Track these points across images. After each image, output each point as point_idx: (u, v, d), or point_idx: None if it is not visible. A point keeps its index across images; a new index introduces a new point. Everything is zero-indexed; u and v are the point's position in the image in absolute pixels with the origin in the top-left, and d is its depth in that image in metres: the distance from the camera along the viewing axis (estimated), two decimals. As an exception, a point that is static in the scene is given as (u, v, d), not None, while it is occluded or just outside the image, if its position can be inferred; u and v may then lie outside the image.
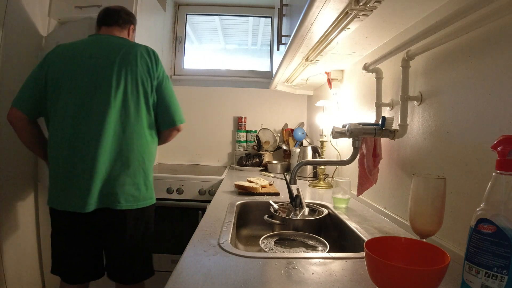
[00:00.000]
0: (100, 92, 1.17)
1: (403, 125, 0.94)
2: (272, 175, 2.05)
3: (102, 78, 1.18)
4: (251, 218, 1.25)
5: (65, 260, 1.22)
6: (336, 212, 1.13)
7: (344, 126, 1.04)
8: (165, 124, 1.32)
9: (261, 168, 2.30)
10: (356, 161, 1.10)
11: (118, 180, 1.17)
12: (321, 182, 1.64)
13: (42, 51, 1.67)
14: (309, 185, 1.67)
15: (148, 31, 2.06)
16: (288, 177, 1.12)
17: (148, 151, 1.26)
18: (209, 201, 1.30)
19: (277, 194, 1.42)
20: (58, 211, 1.18)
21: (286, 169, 2.25)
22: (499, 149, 0.47)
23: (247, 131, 2.51)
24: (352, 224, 0.98)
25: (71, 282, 1.23)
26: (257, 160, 2.34)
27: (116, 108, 1.17)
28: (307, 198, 1.37)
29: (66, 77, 1.19)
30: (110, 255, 1.27)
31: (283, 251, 0.86)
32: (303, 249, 0.89)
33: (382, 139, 1.08)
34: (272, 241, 0.91)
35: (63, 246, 1.22)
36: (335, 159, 1.65)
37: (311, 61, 1.37)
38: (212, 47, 2.88)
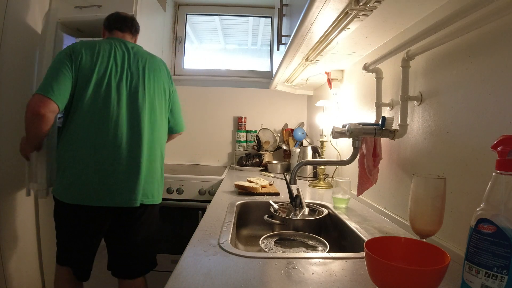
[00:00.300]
0: (136, 94, 1.27)
1: (403, 125, 0.94)
2: (272, 175, 2.05)
3: (137, 82, 1.28)
4: (251, 218, 1.25)
5: (78, 255, 1.24)
6: (336, 212, 1.13)
7: (344, 126, 1.04)
8: (174, 129, 1.51)
9: (261, 168, 2.30)
10: (356, 161, 1.10)
11: (148, 176, 1.28)
12: (321, 182, 1.64)
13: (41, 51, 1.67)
14: (309, 185, 1.67)
15: (148, 31, 2.06)
16: (288, 177, 1.12)
17: (164, 151, 1.41)
18: (209, 201, 1.30)
19: (277, 194, 1.42)
20: (78, 207, 1.18)
21: (286, 169, 2.25)
22: (499, 149, 0.47)
23: (247, 131, 2.51)
24: (352, 224, 0.98)
25: (81, 278, 1.27)
26: (257, 160, 2.34)
27: (147, 109, 1.29)
28: (307, 198, 1.37)
29: (100, 76, 1.21)
30: (126, 249, 1.29)
31: (283, 251, 0.86)
32: (303, 249, 0.89)
33: (382, 139, 1.08)
34: (272, 241, 0.91)
35: (78, 241, 1.23)
36: (335, 159, 1.65)
37: (311, 61, 1.37)
38: (212, 47, 2.88)
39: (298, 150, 2.00)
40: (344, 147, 1.57)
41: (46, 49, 1.40)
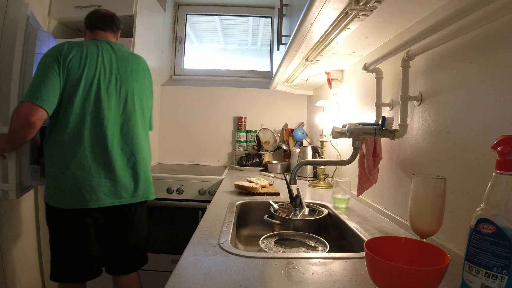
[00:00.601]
0: (126, 96, 1.29)
1: (403, 125, 0.94)
2: (272, 175, 2.05)
3: (126, 84, 1.30)
4: (251, 218, 1.25)
5: (81, 259, 1.23)
6: (336, 212, 1.13)
7: (344, 126, 1.04)
8: (149, 127, 1.54)
9: (261, 168, 2.30)
10: (356, 161, 1.10)
11: (140, 174, 1.32)
12: (321, 182, 1.64)
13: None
14: (309, 185, 1.67)
15: (148, 31, 2.06)
16: (288, 177, 1.12)
17: (150, 150, 1.45)
18: (209, 201, 1.30)
19: (277, 194, 1.42)
20: (74, 211, 1.18)
21: (286, 169, 2.25)
22: (499, 149, 0.47)
23: (247, 131, 2.51)
24: (352, 224, 0.98)
25: (84, 280, 1.26)
26: (257, 160, 2.34)
27: (138, 111, 1.33)
28: (307, 198, 1.37)
29: (89, 80, 1.21)
30: (119, 247, 1.32)
31: (283, 251, 0.86)
32: (303, 249, 0.89)
33: (382, 139, 1.08)
34: (272, 241, 0.91)
35: (80, 245, 1.22)
36: (335, 159, 1.65)
37: (311, 61, 1.37)
38: (212, 47, 2.88)
39: (298, 150, 2.00)
40: (344, 147, 1.57)
41: (17, 43, 1.35)
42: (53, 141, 1.21)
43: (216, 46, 2.88)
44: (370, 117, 1.23)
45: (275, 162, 2.29)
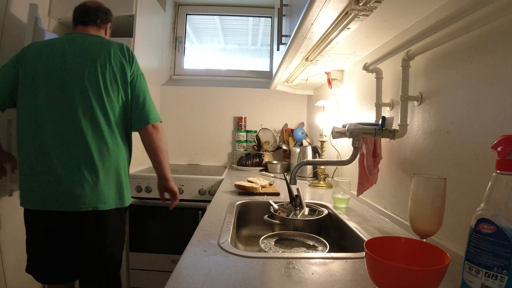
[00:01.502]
0: (76, 89, 1.15)
1: (403, 125, 0.94)
2: (272, 175, 2.05)
3: (77, 77, 1.15)
4: (251, 218, 1.25)
5: (40, 261, 1.18)
6: (336, 212, 1.13)
7: (344, 126, 1.04)
8: (141, 121, 1.26)
9: (261, 168, 2.30)
10: (356, 161, 1.10)
11: (94, 181, 1.17)
12: (321, 182, 1.64)
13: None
14: (309, 185, 1.67)
15: (148, 31, 2.06)
16: (288, 177, 1.12)
17: (119, 149, 1.25)
18: (209, 201, 1.30)
19: (277, 194, 1.42)
20: (35, 212, 1.14)
21: (286, 169, 2.25)
22: (499, 149, 0.47)
23: (247, 131, 2.52)
24: (352, 224, 0.98)
25: (49, 282, 1.22)
26: (257, 160, 2.34)
27: (93, 103, 1.16)
28: (307, 198, 1.37)
29: (38, 75, 1.16)
30: (81, 260, 1.19)
31: (283, 251, 0.86)
32: (303, 249, 0.89)
33: (382, 139, 1.08)
34: (272, 241, 0.91)
35: (38, 247, 1.18)
36: (335, 159, 1.65)
37: (311, 61, 1.37)
38: (212, 47, 2.89)
39: (298, 150, 2.00)
40: (344, 147, 1.57)
41: (25, 44, 1.34)
42: (16, 140, 1.20)
43: (216, 46, 2.88)
44: (370, 117, 1.23)
45: (275, 162, 2.29)
